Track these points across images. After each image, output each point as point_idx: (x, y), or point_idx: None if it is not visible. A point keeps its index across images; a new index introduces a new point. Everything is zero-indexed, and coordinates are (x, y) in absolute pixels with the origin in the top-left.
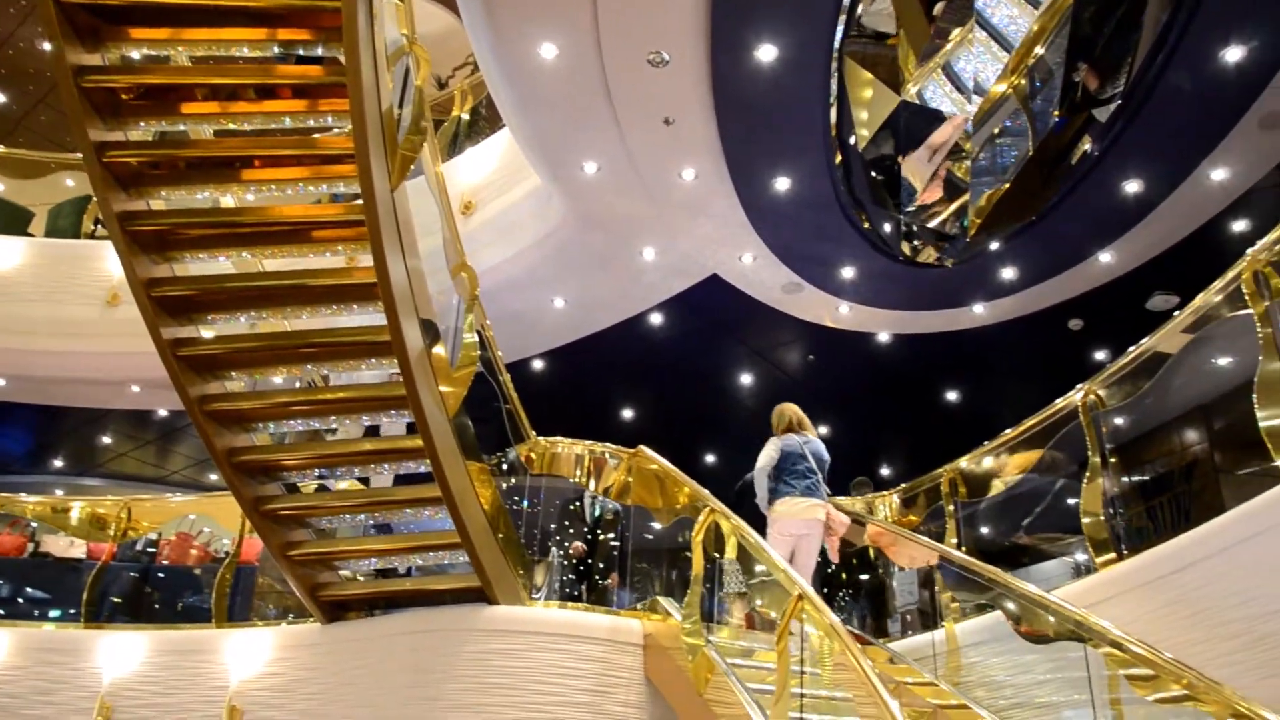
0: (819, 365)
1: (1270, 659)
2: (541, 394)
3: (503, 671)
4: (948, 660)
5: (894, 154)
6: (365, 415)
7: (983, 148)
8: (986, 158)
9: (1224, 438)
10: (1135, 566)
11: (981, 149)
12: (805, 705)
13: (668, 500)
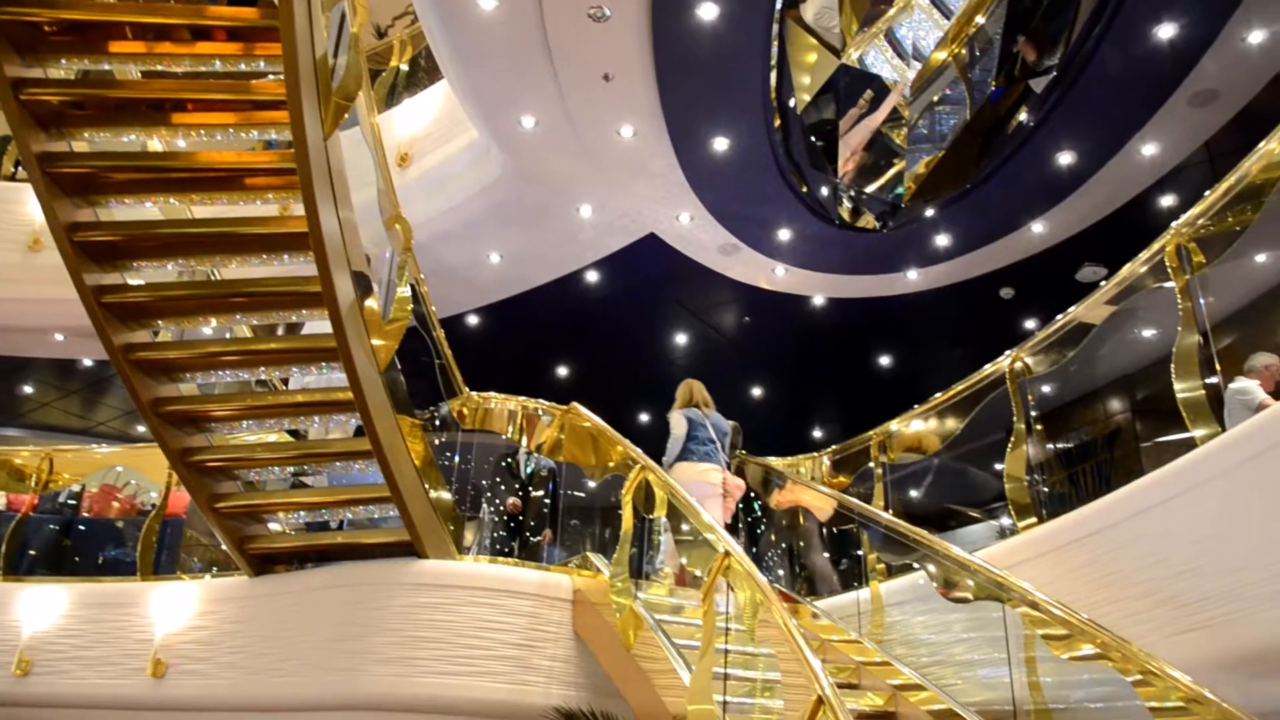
0: (754, 327)
1: (1177, 617)
2: (476, 350)
3: (431, 625)
4: (872, 619)
5: (833, 119)
6: (295, 367)
7: (921, 115)
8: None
9: (1146, 407)
10: (1053, 529)
11: (920, 116)
12: (730, 661)
13: (600, 458)
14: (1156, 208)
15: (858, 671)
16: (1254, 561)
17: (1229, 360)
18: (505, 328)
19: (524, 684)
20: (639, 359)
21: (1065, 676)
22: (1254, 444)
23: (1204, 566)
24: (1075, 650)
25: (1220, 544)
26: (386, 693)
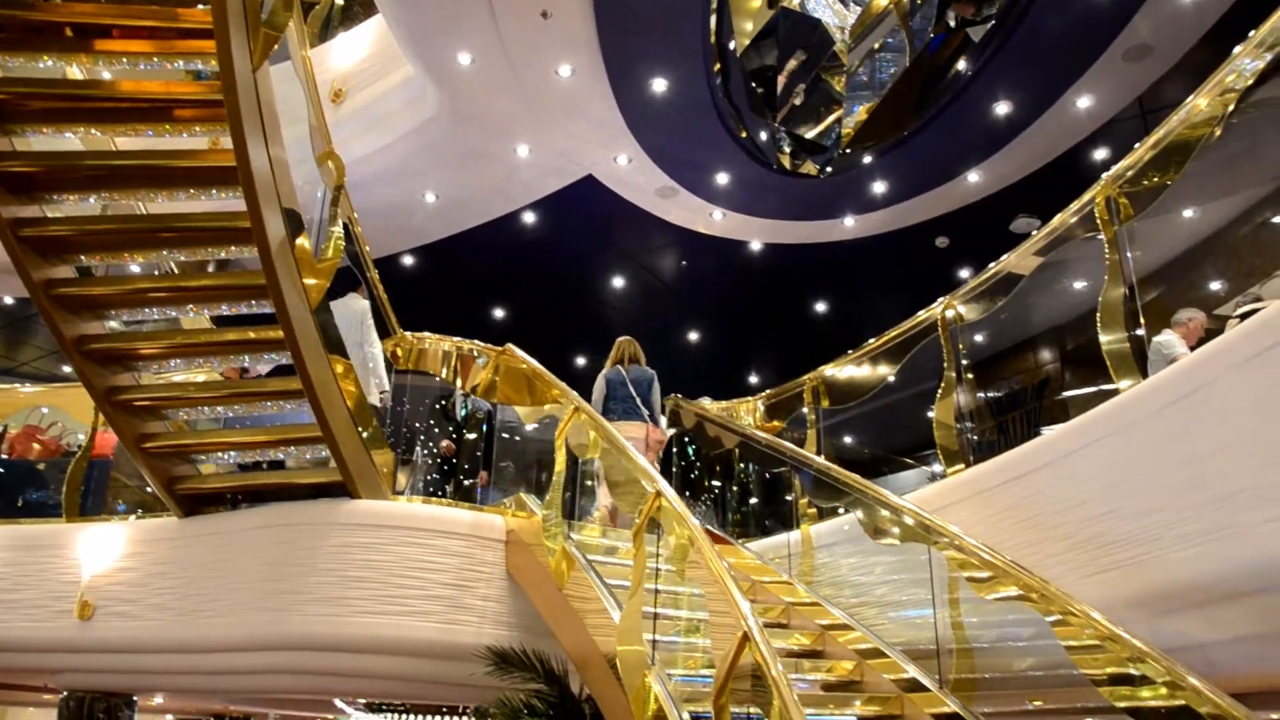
0: (692, 271)
1: (1094, 558)
2: (411, 291)
3: (364, 565)
4: (802, 560)
5: (773, 63)
6: (224, 304)
7: (861, 62)
8: (865, 72)
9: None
10: (979, 473)
11: (860, 63)
12: (661, 601)
13: (535, 399)
14: (1090, 161)
15: (787, 612)
16: (1166, 505)
17: (1154, 314)
18: (441, 269)
19: (456, 623)
20: (576, 302)
21: (987, 616)
22: (1167, 394)
23: (1119, 510)
24: (997, 591)
25: (1135, 489)
26: (318, 632)
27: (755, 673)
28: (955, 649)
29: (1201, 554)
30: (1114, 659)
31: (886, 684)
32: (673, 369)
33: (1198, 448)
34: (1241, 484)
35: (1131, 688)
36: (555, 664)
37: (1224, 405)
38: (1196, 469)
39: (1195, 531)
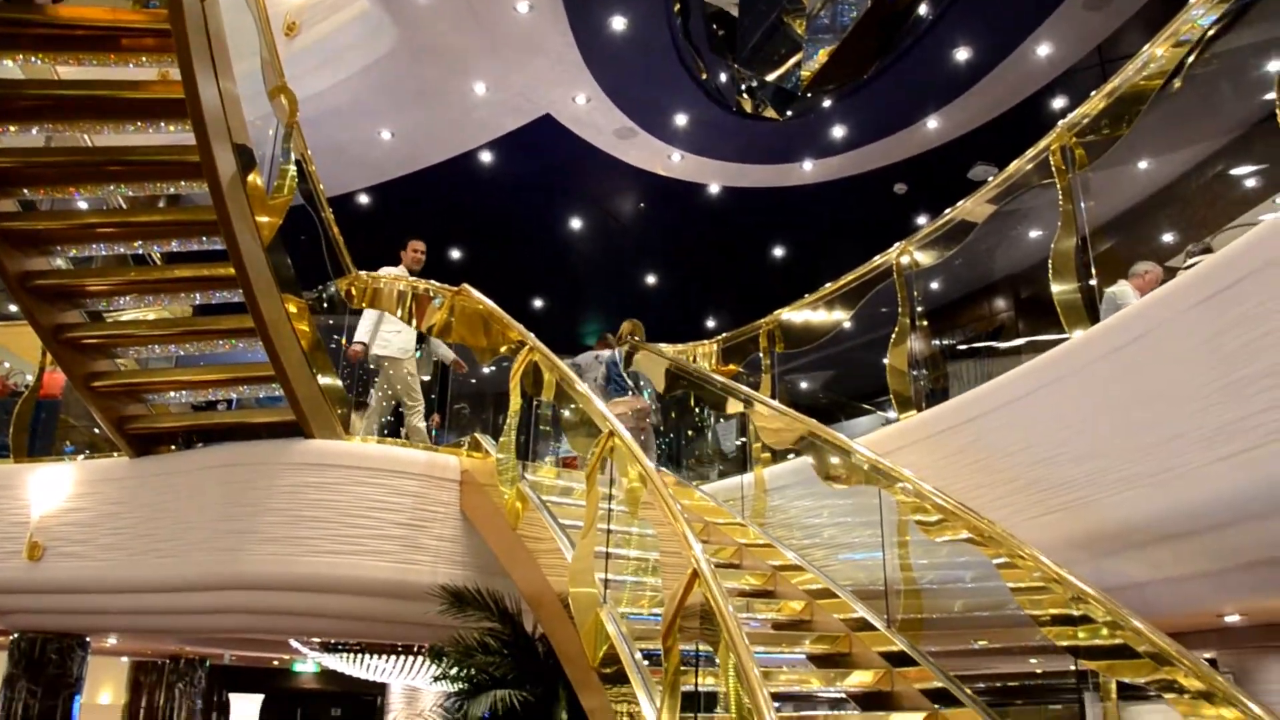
0: (650, 214)
1: (1039, 500)
2: (366, 229)
3: (317, 505)
4: (755, 502)
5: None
6: (176, 240)
7: (823, 4)
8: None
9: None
10: (930, 417)
11: (822, 6)
12: (613, 541)
13: (491, 340)
14: (1049, 109)
15: (739, 553)
16: (1109, 449)
17: (1107, 265)
18: (397, 208)
19: (411, 563)
20: (533, 244)
21: (936, 558)
22: (1113, 339)
23: (1064, 454)
24: (946, 534)
25: (1079, 433)
26: (272, 572)
27: (705, 610)
28: (903, 590)
29: (1143, 496)
30: (1058, 600)
31: (836, 623)
32: (629, 312)
33: (1141, 392)
34: (1183, 427)
35: (1074, 628)
36: (509, 603)
37: (1169, 350)
38: (1140, 413)
39: (1137, 474)
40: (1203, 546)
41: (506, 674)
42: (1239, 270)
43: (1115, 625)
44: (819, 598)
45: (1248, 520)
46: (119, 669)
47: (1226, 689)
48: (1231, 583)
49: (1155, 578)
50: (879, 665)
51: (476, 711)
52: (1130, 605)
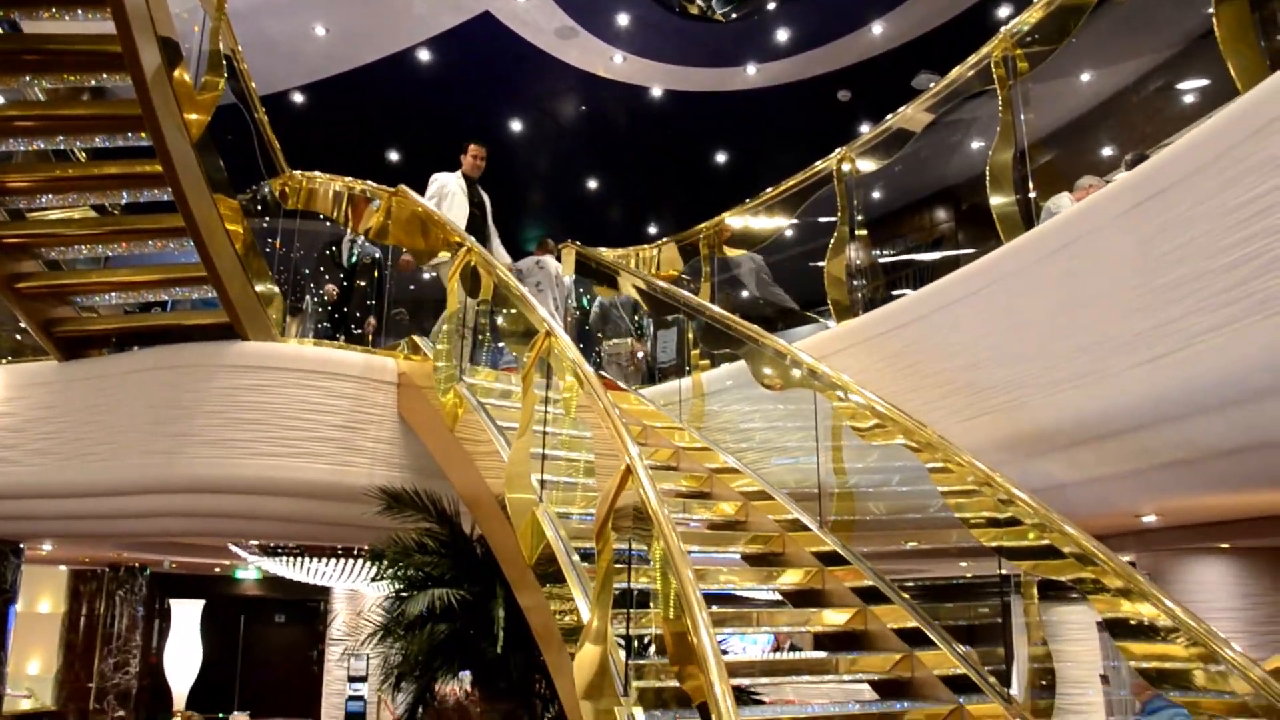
0: (591, 118)
1: (970, 403)
2: (301, 130)
3: (252, 407)
4: (693, 406)
5: None
6: (101, 135)
7: None
8: None
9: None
10: (866, 322)
11: None
12: (549, 443)
13: (429, 243)
14: (995, 18)
15: (676, 455)
16: (1038, 352)
17: (1045, 178)
18: (333, 108)
19: (348, 465)
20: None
21: (868, 461)
22: (1044, 245)
23: (995, 357)
24: (879, 437)
25: (1010, 337)
26: (207, 474)
27: (638, 510)
28: (836, 492)
29: (1069, 399)
30: (987, 503)
31: (770, 524)
32: (571, 217)
33: (1071, 298)
34: (1109, 332)
35: (1002, 529)
36: (447, 504)
37: (1097, 257)
38: (1068, 318)
39: (1065, 378)
40: (1123, 447)
41: (444, 573)
42: (1166, 178)
43: (1043, 527)
44: (754, 500)
45: (1166, 422)
46: (58, 577)
47: (1144, 586)
48: (1149, 483)
49: (1078, 479)
50: (811, 564)
51: (414, 609)
52: (1054, 505)
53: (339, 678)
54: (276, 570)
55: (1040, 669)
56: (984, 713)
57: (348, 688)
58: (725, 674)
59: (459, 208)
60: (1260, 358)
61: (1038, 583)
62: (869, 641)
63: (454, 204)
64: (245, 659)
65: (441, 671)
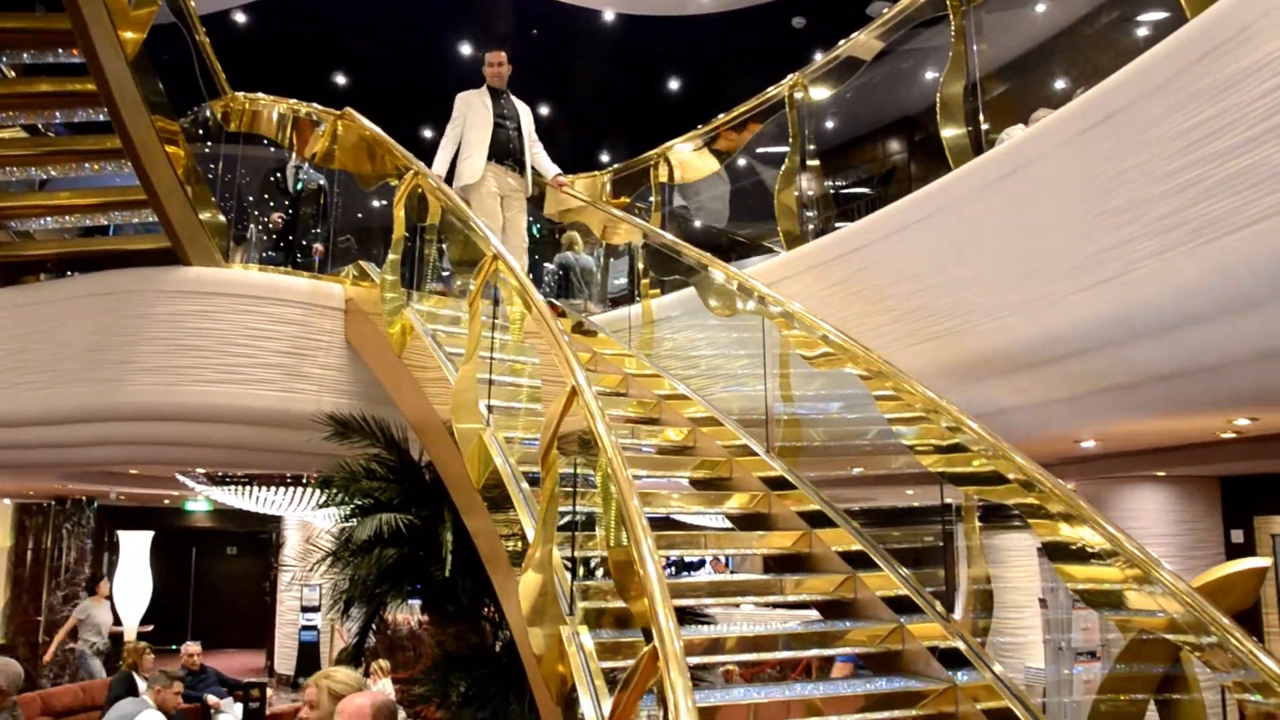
0: (542, 42)
1: (916, 330)
2: (244, 52)
3: (196, 333)
4: (642, 333)
5: None
6: (27, 52)
7: None
8: None
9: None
10: (815, 249)
11: None
12: (498, 369)
13: (377, 167)
14: None
15: (626, 382)
16: (984, 278)
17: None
18: (277, 30)
19: (295, 392)
20: (422, 71)
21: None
22: (993, 170)
23: (942, 283)
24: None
25: (957, 263)
26: (152, 402)
27: (584, 435)
28: (784, 418)
29: (1013, 324)
30: (935, 430)
31: (718, 449)
32: None
33: (1017, 224)
34: (1053, 258)
35: (948, 455)
36: (395, 430)
37: (1043, 182)
38: (1014, 244)
39: (1009, 303)
40: (1065, 372)
41: (393, 499)
42: (1112, 105)
43: (989, 454)
44: (703, 425)
45: (1107, 347)
46: (3, 511)
47: (1085, 510)
48: (1089, 407)
49: (1020, 403)
50: (758, 489)
51: (363, 534)
52: (996, 430)
53: (292, 608)
54: (225, 500)
55: (980, 591)
56: (924, 631)
57: (300, 617)
58: (668, 595)
59: (480, 124)
60: (1198, 282)
61: (981, 509)
62: (814, 564)
63: (473, 121)
64: (197, 591)
65: (390, 595)
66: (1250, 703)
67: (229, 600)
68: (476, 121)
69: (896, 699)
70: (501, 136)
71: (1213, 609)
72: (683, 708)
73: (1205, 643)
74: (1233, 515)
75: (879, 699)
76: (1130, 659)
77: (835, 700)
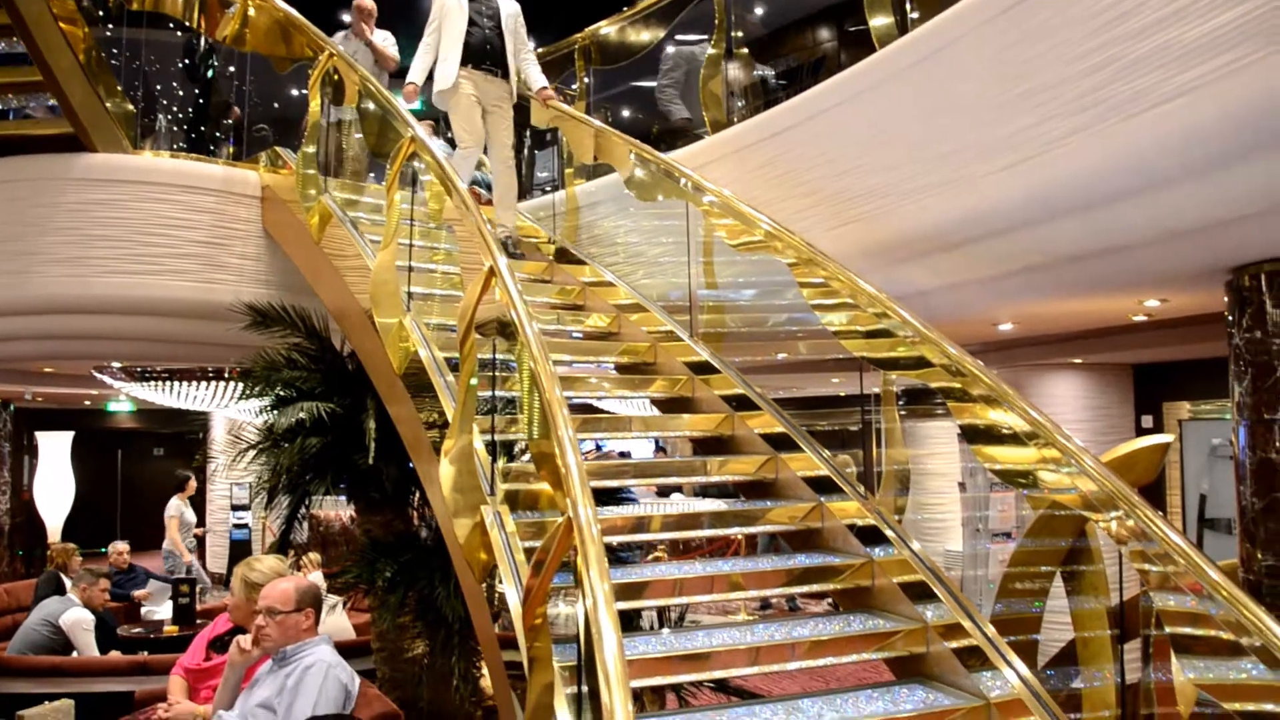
0: None
1: (837, 211)
2: None
3: (106, 223)
4: (567, 219)
5: None
6: None
7: None
8: None
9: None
10: (738, 132)
11: None
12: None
13: (292, 50)
14: None
15: (550, 269)
16: (904, 161)
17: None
18: None
19: (212, 282)
20: None
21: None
22: (913, 52)
23: (863, 166)
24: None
25: (879, 145)
26: (61, 294)
27: (504, 319)
28: (708, 304)
29: (932, 205)
30: (863, 317)
31: (643, 334)
32: None
33: (936, 106)
34: (971, 139)
35: (873, 340)
36: (316, 320)
37: (962, 64)
38: (934, 126)
39: (929, 184)
40: (982, 253)
41: (315, 388)
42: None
43: (914, 339)
44: (628, 312)
45: (1023, 227)
46: None
47: (1006, 392)
48: (1005, 288)
49: (939, 285)
50: (682, 373)
51: (285, 422)
52: (917, 312)
53: (222, 507)
54: (146, 397)
55: (898, 472)
56: (843, 510)
57: (231, 516)
58: (582, 466)
59: (454, 23)
60: (1111, 162)
61: (905, 397)
62: (738, 446)
63: (448, 21)
64: (124, 493)
65: (314, 485)
66: (1151, 572)
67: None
68: (451, 21)
69: (815, 574)
70: (477, 37)
71: (1124, 485)
72: (596, 579)
73: (1113, 517)
74: (1143, 402)
75: (799, 574)
76: (1039, 534)
77: (755, 575)
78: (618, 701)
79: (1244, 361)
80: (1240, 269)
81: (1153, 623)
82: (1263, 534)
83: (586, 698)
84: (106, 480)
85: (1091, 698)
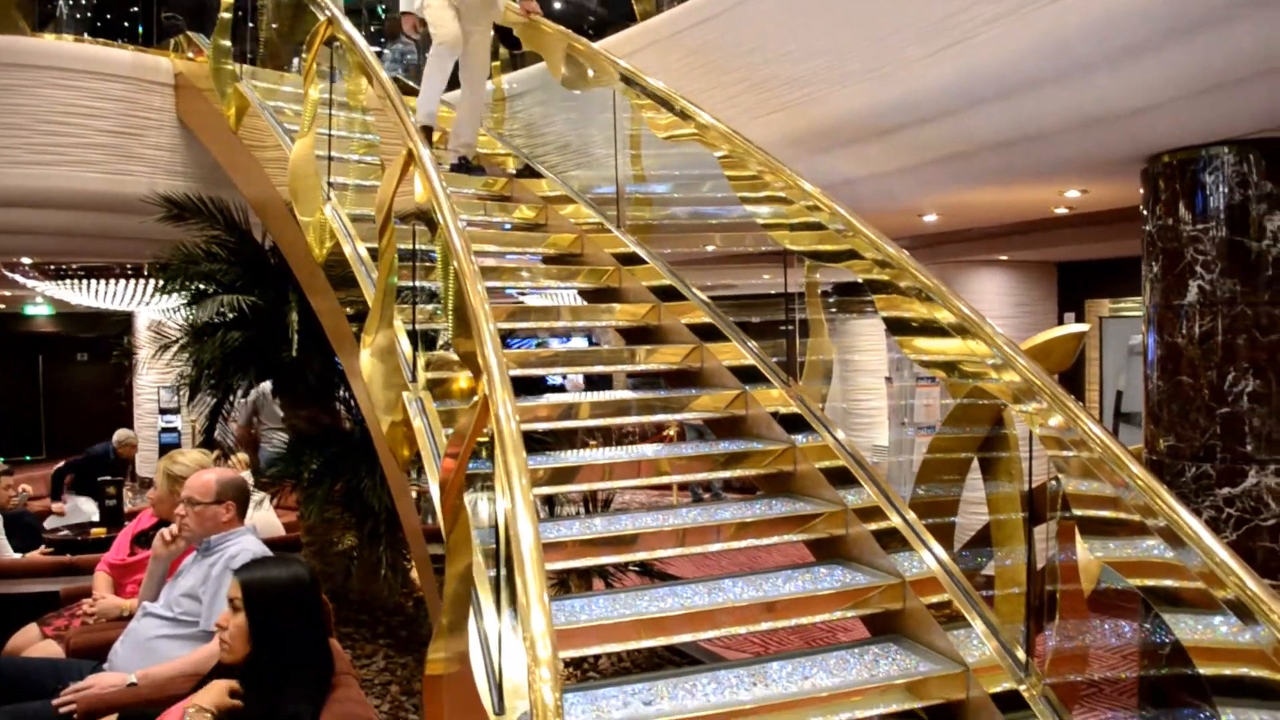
0: None
1: (766, 99)
2: None
3: (5, 110)
4: (494, 111)
5: None
6: None
7: None
8: None
9: None
10: (666, 19)
11: None
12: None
13: None
14: None
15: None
16: (834, 46)
17: None
18: None
19: (124, 173)
20: None
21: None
22: None
23: (792, 53)
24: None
25: (808, 31)
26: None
27: (423, 208)
28: (635, 196)
29: (861, 91)
30: (797, 210)
31: (570, 225)
32: None
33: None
34: (902, 24)
35: (802, 232)
36: (235, 212)
37: None
38: (862, 9)
39: (858, 70)
40: (908, 141)
41: (235, 281)
42: None
43: (845, 232)
44: (555, 204)
45: (948, 114)
46: None
47: (938, 288)
48: (929, 177)
49: (864, 173)
50: (609, 264)
51: (203, 316)
52: (842, 200)
53: (149, 411)
54: (61, 296)
55: (821, 361)
56: (766, 396)
57: (159, 420)
58: (499, 344)
59: None
60: (1037, 46)
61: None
62: (664, 336)
63: None
64: (48, 400)
65: (237, 378)
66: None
67: (83, 408)
68: None
69: (739, 459)
70: None
71: (1043, 373)
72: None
73: (1034, 407)
74: (1067, 299)
75: (723, 459)
76: (958, 421)
77: (681, 461)
78: (532, 581)
79: (1155, 249)
80: (1155, 157)
81: (1059, 505)
82: (1166, 416)
83: (504, 581)
84: (27, 387)
85: (1003, 575)
